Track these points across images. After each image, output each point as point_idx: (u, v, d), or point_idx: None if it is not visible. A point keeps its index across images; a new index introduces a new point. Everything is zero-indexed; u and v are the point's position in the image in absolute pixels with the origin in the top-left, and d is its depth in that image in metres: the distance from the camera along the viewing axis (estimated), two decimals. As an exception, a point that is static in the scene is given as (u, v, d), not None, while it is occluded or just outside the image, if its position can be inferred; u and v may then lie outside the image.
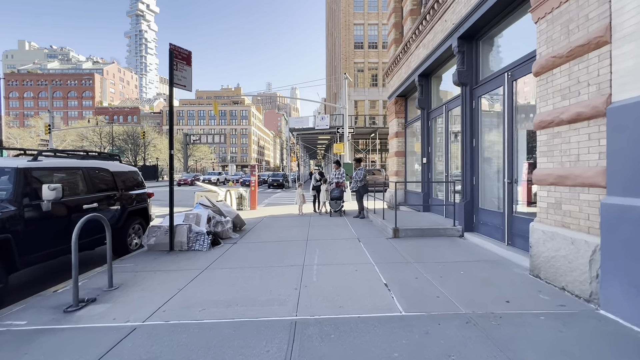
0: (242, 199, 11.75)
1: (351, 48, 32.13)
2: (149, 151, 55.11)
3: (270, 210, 11.25)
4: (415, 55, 8.27)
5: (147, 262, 4.82)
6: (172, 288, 3.66)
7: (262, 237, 6.48)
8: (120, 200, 5.60)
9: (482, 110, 5.74)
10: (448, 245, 5.33)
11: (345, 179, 9.88)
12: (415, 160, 10.08)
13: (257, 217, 9.54)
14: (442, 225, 6.21)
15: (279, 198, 17.96)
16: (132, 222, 5.94)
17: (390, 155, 10.99)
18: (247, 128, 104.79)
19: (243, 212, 10.66)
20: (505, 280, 3.63)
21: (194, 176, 35.74)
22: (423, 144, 8.35)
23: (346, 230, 7.00)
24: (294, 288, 3.53)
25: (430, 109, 8.17)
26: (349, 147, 16.72)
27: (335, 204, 9.11)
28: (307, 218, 8.98)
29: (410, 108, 10.21)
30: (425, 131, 8.29)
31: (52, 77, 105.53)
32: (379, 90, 32.42)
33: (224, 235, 6.38)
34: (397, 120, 10.39)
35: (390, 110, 10.83)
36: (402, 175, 10.39)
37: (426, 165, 8.26)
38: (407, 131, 10.33)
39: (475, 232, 5.76)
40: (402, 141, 10.38)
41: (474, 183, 5.82)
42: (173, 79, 5.41)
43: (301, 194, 9.75)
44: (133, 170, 6.30)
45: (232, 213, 6.99)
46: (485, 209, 5.57)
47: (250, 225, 7.87)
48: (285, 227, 7.53)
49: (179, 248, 5.53)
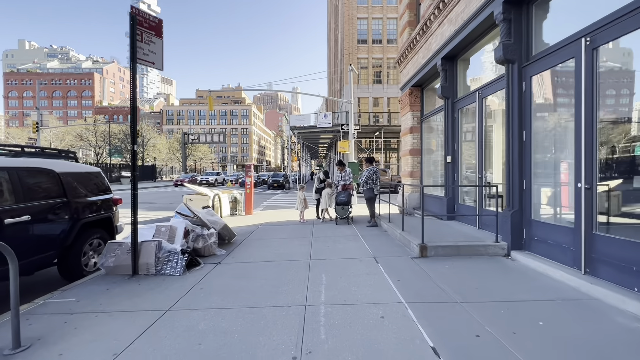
0: (236, 202, 10.50)
1: (354, 43, 30.84)
2: (147, 151, 53.99)
3: (268, 216, 9.99)
4: (438, 35, 6.99)
5: (95, 296, 3.56)
6: (104, 352, 2.40)
7: (253, 254, 5.21)
8: (70, 210, 4.35)
9: (534, 94, 4.46)
10: (496, 270, 4.06)
11: (352, 181, 8.61)
12: (433, 160, 8.80)
13: (252, 224, 8.28)
14: (480, 241, 4.93)
15: (278, 200, 16.70)
16: (89, 236, 4.70)
17: (403, 154, 9.71)
18: (247, 128, 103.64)
19: (236, 219, 9.41)
20: (622, 346, 2.35)
21: (192, 176, 34.54)
22: (447, 140, 7.07)
23: (357, 244, 5.73)
24: (292, 358, 2.26)
25: (456, 98, 6.89)
26: (354, 145, 15.43)
27: (342, 210, 7.84)
28: (309, 226, 7.71)
29: (427, 99, 8.94)
30: (449, 125, 7.01)
31: (52, 77, 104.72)
32: (384, 87, 31.14)
33: (207, 252, 5.12)
34: (411, 114, 9.12)
35: (404, 103, 9.55)
36: (418, 176, 9.11)
37: (451, 166, 6.98)
38: (423, 126, 9.05)
39: (527, 251, 4.48)
40: (418, 137, 9.10)
41: (524, 187, 4.54)
42: (136, 53, 4.16)
43: (303, 197, 8.48)
44: (92, 172, 5.05)
45: (219, 223, 5.73)
46: (541, 222, 4.29)
47: (241, 236, 6.62)
48: (283, 240, 6.27)
49: (145, 272, 4.28)
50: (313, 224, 8.14)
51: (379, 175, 8.03)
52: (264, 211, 11.80)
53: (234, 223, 8.44)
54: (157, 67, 4.46)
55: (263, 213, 10.93)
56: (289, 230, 7.34)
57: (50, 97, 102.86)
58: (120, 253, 4.36)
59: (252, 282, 3.86)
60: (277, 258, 4.90)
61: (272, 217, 9.59)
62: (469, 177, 6.69)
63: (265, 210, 11.96)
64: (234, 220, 8.99)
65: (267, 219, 9.29)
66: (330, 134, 31.06)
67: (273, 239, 6.34)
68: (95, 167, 5.42)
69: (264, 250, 5.46)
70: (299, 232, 6.99)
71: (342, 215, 7.82)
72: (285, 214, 10.28)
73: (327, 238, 6.30)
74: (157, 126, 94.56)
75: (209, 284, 3.87)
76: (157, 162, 59.87)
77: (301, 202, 8.48)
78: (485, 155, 5.85)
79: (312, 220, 8.69)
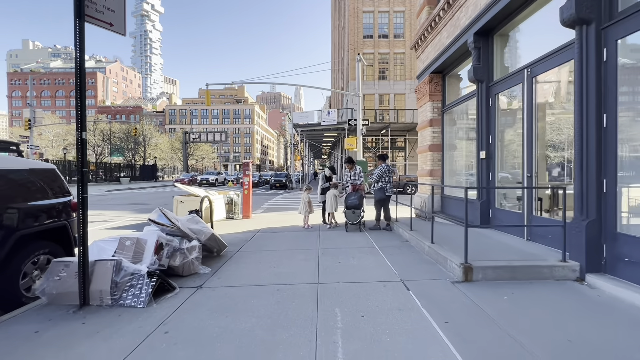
0: (232, 205, 9.42)
1: (360, 38, 29.68)
2: (149, 150, 53.26)
3: (268, 220, 8.90)
4: (470, 6, 5.84)
5: (13, 344, 2.48)
6: None
7: (245, 273, 4.11)
8: (1, 219, 3.28)
9: (622, 64, 3.31)
10: (578, 306, 2.92)
11: (364, 181, 7.49)
12: (456, 156, 7.66)
13: (249, 230, 7.19)
14: (539, 259, 3.79)
15: (280, 201, 15.63)
16: (32, 252, 3.63)
17: (420, 150, 8.56)
18: (250, 127, 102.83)
19: (232, 223, 8.33)
20: None
21: (192, 176, 33.59)
22: (480, 132, 5.92)
23: (376, 259, 4.61)
24: None
25: (492, 81, 5.73)
26: (361, 142, 14.30)
27: (352, 215, 6.71)
28: (315, 234, 6.61)
29: (450, 87, 7.79)
30: (482, 114, 5.86)
31: (55, 76, 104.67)
32: (390, 83, 29.94)
33: (186, 271, 4.03)
34: (431, 105, 7.97)
35: (422, 92, 8.40)
36: (438, 175, 7.96)
37: (485, 162, 5.82)
38: (444, 118, 7.90)
39: (610, 275, 3.33)
40: (438, 131, 7.95)
41: (604, 189, 3.39)
42: (83, 9, 3.07)
43: (307, 200, 7.38)
44: (40, 169, 3.98)
45: (204, 233, 4.64)
46: (633, 237, 3.15)
47: (234, 246, 5.52)
48: (284, 252, 5.16)
49: (98, 302, 3.20)
50: (319, 230, 7.03)
51: (392, 174, 6.95)
52: (264, 214, 10.72)
53: (228, 229, 7.36)
54: (117, 29, 3.36)
55: (263, 216, 9.84)
56: (292, 238, 6.23)
57: (54, 97, 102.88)
58: (67, 276, 3.28)
59: (238, 322, 2.76)
60: (275, 280, 3.80)
61: (272, 222, 8.49)
62: (509, 176, 5.54)
63: (266, 213, 10.87)
64: (229, 225, 7.91)
65: (267, 223, 8.19)
66: (334, 132, 29.94)
67: (272, 251, 5.24)
68: (48, 163, 4.36)
69: (260, 267, 4.36)
70: (304, 242, 5.88)
71: (353, 221, 6.69)
72: (288, 218, 9.18)
73: (337, 250, 5.18)
74: (160, 126, 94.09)
75: (179, 323, 2.77)
76: (159, 162, 59.17)
77: (305, 205, 7.38)
78: (535, 148, 4.70)
79: (317, 225, 7.59)
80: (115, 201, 15.75)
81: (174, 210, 9.14)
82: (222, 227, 7.73)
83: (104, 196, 19.16)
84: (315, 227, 7.43)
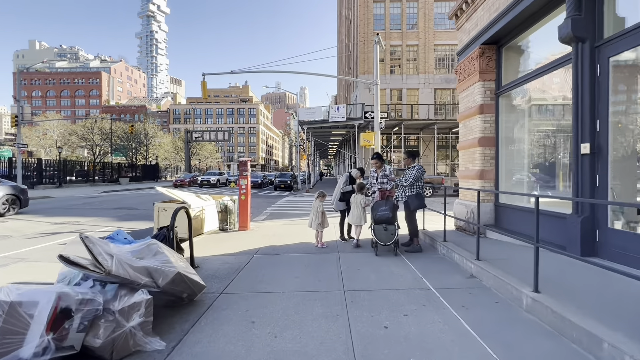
0: (227, 213, 7.68)
1: (370, 29, 27.82)
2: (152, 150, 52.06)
3: (270, 232, 7.14)
4: None
5: None
6: None
7: (224, 354, 2.34)
8: None
9: None
10: None
11: (393, 184, 5.69)
12: (518, 152, 5.81)
13: (243, 251, 5.42)
14: None
15: (285, 205, 13.85)
16: None
17: (465, 145, 6.71)
18: (255, 127, 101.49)
19: (225, 238, 6.57)
20: None
21: (193, 176, 32.04)
22: (578, 116, 4.05)
23: (446, 320, 2.79)
24: None
25: (601, 39, 3.87)
26: (380, 138, 12.48)
27: (384, 233, 4.89)
28: (334, 260, 4.81)
29: (508, 63, 5.94)
30: (584, 88, 3.99)
31: (60, 76, 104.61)
32: (402, 77, 28.02)
33: (120, 351, 2.26)
34: (481, 86, 6.12)
35: (467, 71, 6.56)
36: (491, 178, 6.11)
37: (588, 160, 3.96)
38: (500, 103, 6.04)
39: None
40: (492, 120, 6.10)
41: None
42: None
43: (320, 211, 5.57)
44: None
45: (164, 273, 2.86)
46: None
47: (217, 283, 3.76)
48: (290, 301, 3.36)
49: None
50: (338, 251, 5.24)
51: (421, 175, 5.24)
52: (266, 222, 8.97)
53: (217, 247, 5.60)
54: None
55: (264, 226, 8.08)
56: (301, 268, 4.43)
57: (59, 97, 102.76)
58: None
59: None
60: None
61: (275, 235, 6.72)
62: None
63: (268, 222, 9.11)
64: (220, 241, 6.16)
65: (269, 238, 6.43)
66: (342, 130, 28.15)
67: (273, 294, 3.45)
68: None
69: (252, 336, 2.57)
70: (319, 275, 4.08)
71: (386, 241, 4.87)
72: (295, 230, 7.41)
73: (374, 295, 3.37)
74: (164, 125, 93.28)
75: None
76: (163, 162, 57.97)
77: (318, 217, 5.58)
78: None
79: (334, 243, 5.80)
80: (102, 205, 14.16)
81: (154, 221, 7.45)
82: (209, 244, 5.99)
83: (95, 198, 17.62)
84: (332, 245, 5.65)
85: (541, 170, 5.56)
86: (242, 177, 7.54)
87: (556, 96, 5.07)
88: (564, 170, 4.88)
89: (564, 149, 4.94)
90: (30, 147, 54.92)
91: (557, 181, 5.01)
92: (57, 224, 9.00)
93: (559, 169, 5.06)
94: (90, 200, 16.63)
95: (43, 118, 53.84)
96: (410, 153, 5.44)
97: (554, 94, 4.83)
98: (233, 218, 7.79)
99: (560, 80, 4.38)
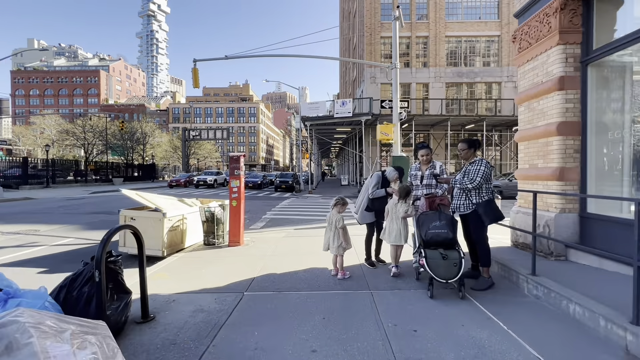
0: (214, 223, 6.00)
1: (377, 19, 26.14)
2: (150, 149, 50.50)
3: (269, 248, 5.46)
4: None
5: None
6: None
7: None
8: None
9: None
10: None
11: (445, 188, 4.01)
12: (613, 145, 4.13)
13: (232, 283, 3.73)
14: None
15: (287, 209, 12.16)
16: None
17: (529, 135, 5.01)
18: (255, 126, 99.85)
19: (207, 258, 4.86)
20: None
21: (189, 176, 30.38)
22: None
23: None
24: None
25: None
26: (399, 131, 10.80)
27: (444, 263, 3.17)
28: (367, 304, 3.12)
29: (603, 17, 4.25)
30: None
31: (58, 74, 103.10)
32: (412, 71, 26.32)
33: None
34: (561, 51, 4.43)
35: (537, 32, 4.86)
36: (574, 178, 4.41)
37: None
38: (589, 75, 4.35)
39: None
40: (575, 99, 4.41)
41: None
42: None
43: (341, 226, 3.86)
44: None
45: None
46: None
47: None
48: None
49: None
50: (369, 286, 3.55)
51: (490, 172, 3.55)
52: (264, 231, 7.29)
53: (193, 276, 3.88)
54: None
55: (262, 239, 6.39)
56: (318, 324, 2.73)
57: (57, 96, 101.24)
58: None
59: None
60: None
61: (276, 255, 5.04)
62: None
63: (267, 230, 7.43)
64: (201, 265, 4.46)
65: (267, 260, 4.74)
66: (347, 127, 26.47)
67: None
68: None
69: None
70: (349, 342, 2.39)
71: (448, 277, 3.15)
72: (301, 244, 5.73)
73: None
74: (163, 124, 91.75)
75: None
76: (161, 161, 56.39)
77: (337, 236, 3.87)
78: None
79: (357, 267, 4.11)
80: (80, 208, 12.50)
81: (120, 235, 5.81)
82: (185, 269, 4.30)
83: (79, 200, 15.98)
84: (356, 273, 3.96)
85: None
86: (234, 177, 5.84)
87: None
88: None
89: None
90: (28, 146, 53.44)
91: None
92: (9, 233, 7.35)
93: None
94: (71, 202, 14.98)
95: (56, 119, 52.10)
96: (471, 142, 3.74)
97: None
98: (222, 229, 6.11)
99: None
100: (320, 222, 8.82)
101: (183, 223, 5.98)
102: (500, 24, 26.14)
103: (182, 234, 5.97)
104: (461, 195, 3.63)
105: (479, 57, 26.70)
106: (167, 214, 5.41)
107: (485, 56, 26.81)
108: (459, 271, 3.13)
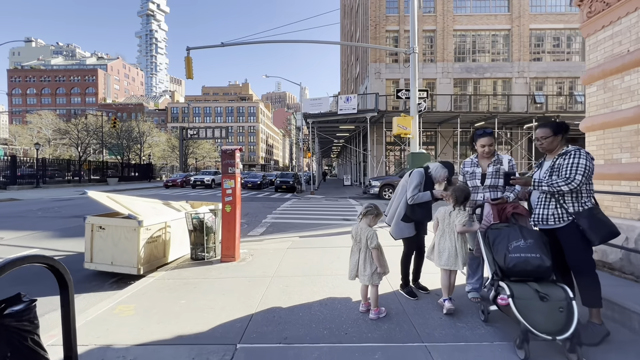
0: (203, 232, 4.87)
1: (382, 12, 25.04)
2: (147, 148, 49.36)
3: (272, 265, 4.34)
4: None
5: None
6: None
7: None
8: None
9: None
10: None
11: (517, 192, 2.87)
12: None
13: (218, 326, 2.58)
14: None
15: (290, 211, 11.01)
16: None
17: (614, 121, 3.88)
18: (255, 125, 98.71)
19: (196, 280, 3.70)
20: None
21: (186, 176, 29.25)
22: None
23: None
24: None
25: None
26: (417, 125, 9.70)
27: (542, 308, 2.05)
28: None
29: None
30: None
31: (56, 73, 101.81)
32: (418, 66, 25.17)
33: None
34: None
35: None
36: (678, 177, 3.30)
37: None
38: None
39: None
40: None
41: None
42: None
43: (375, 245, 2.71)
44: None
45: None
46: None
47: None
48: None
49: None
50: (417, 332, 2.42)
51: (590, 170, 2.36)
52: (265, 240, 6.15)
53: (166, 315, 2.68)
54: None
55: (262, 251, 5.26)
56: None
57: (54, 95, 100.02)
58: None
59: None
60: None
61: (280, 277, 3.91)
62: None
63: (268, 239, 6.29)
64: (180, 294, 3.31)
65: (269, 284, 3.62)
66: (351, 125, 25.33)
67: None
68: None
69: None
70: None
71: (553, 330, 2.02)
72: (312, 259, 4.59)
73: None
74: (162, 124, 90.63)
75: None
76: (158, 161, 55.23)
77: (368, 261, 2.73)
78: None
79: (391, 296, 2.99)
80: (60, 211, 11.38)
81: (85, 248, 4.73)
82: (157, 302, 3.15)
83: (64, 202, 14.85)
84: (391, 307, 2.84)
85: None
86: (227, 176, 4.71)
87: None
88: None
89: None
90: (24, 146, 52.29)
91: None
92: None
93: None
94: (56, 204, 13.85)
95: (53, 119, 50.93)
96: (558, 126, 2.60)
97: None
98: (213, 240, 4.99)
99: None
100: (328, 228, 7.71)
101: (165, 232, 4.86)
102: (510, 17, 25.05)
103: (164, 245, 4.86)
104: (549, 201, 2.50)
105: (488, 53, 25.62)
106: (143, 222, 4.30)
107: (494, 53, 25.73)
108: (569, 320, 2.01)
